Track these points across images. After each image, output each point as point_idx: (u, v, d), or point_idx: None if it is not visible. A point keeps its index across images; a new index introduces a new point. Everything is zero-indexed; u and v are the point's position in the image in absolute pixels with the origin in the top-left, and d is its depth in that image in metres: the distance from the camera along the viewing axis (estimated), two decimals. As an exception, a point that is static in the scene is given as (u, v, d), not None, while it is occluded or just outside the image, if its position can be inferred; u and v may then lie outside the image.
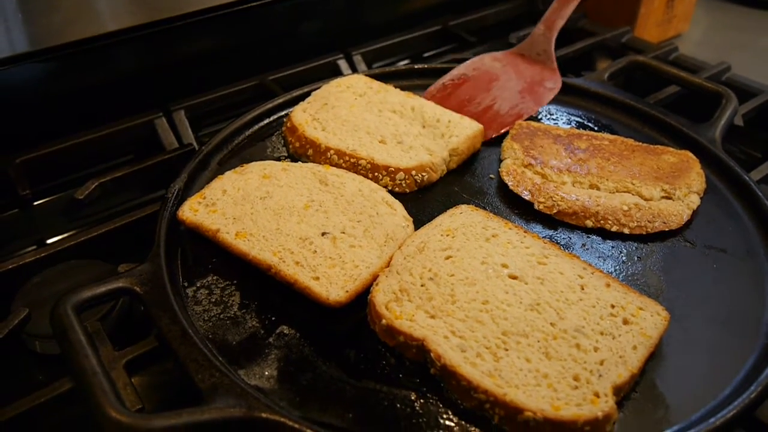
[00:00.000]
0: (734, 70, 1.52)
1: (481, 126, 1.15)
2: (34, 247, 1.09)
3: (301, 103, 1.20)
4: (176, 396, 0.83)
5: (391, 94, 1.23)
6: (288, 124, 1.16)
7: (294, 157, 1.12)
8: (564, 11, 1.32)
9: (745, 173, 1.06)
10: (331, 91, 1.22)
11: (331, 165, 1.07)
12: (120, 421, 0.63)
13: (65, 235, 1.09)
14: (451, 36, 1.67)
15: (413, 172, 1.05)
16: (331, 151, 1.08)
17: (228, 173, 1.02)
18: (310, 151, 1.10)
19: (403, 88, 1.26)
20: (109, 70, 1.29)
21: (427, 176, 1.06)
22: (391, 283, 0.84)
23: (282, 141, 1.16)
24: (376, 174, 1.05)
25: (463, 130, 1.13)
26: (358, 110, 1.17)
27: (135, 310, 0.94)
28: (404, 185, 1.05)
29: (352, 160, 1.07)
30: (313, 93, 1.23)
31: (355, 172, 1.05)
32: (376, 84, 1.26)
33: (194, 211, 0.94)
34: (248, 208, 0.95)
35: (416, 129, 1.14)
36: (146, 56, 1.33)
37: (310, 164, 1.06)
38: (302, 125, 1.12)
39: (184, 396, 0.72)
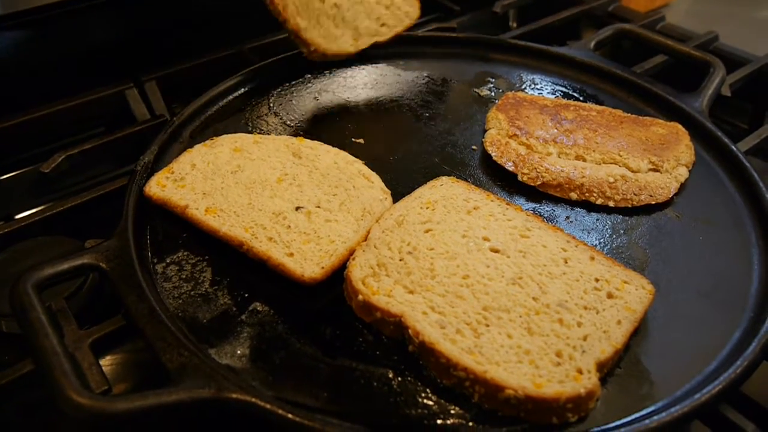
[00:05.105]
0: (722, 40, 1.49)
1: None
2: (0, 222, 1.05)
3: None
4: (152, 375, 0.80)
5: None
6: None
7: None
8: None
9: (733, 144, 1.04)
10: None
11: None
12: (80, 403, 0.60)
13: (33, 210, 1.05)
14: (434, 4, 1.63)
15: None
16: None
17: (197, 146, 0.98)
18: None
19: (383, 57, 1.22)
20: (78, 37, 1.25)
21: None
22: (369, 257, 0.81)
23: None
24: None
25: None
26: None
27: (105, 288, 0.91)
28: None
29: None
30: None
31: None
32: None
33: (162, 186, 0.90)
34: (218, 183, 0.91)
35: None
36: (118, 22, 1.28)
37: (283, 137, 1.01)
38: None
39: (160, 375, 0.69)
